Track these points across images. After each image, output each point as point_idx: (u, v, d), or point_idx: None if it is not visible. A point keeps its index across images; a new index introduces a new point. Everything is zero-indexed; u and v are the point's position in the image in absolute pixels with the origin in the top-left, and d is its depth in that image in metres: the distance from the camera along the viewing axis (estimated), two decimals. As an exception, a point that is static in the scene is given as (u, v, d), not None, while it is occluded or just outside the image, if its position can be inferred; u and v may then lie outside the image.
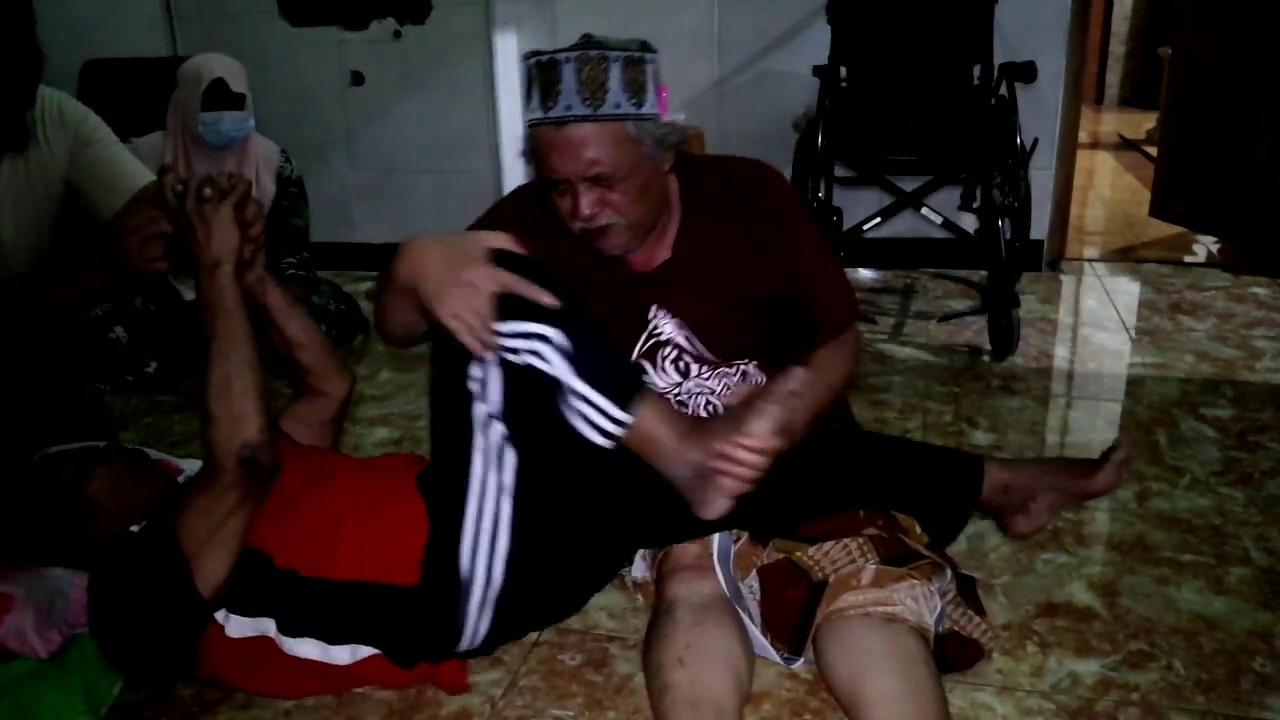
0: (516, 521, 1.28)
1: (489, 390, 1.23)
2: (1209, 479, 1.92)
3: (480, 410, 1.26)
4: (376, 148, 3.81)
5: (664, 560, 1.39)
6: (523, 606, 1.32)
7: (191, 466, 1.57)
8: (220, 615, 1.27)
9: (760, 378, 1.49)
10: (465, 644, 1.31)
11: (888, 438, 1.54)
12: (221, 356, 1.25)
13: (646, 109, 1.31)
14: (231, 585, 1.26)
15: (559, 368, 1.20)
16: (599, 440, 1.22)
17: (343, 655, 1.29)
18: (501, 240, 1.25)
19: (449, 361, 1.25)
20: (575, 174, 1.29)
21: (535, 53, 1.30)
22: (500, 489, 1.28)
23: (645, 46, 1.32)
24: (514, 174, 3.72)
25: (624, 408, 1.21)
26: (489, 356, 1.21)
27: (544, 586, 1.33)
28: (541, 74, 1.28)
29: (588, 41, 1.31)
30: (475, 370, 1.23)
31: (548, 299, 1.20)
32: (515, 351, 1.20)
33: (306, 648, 1.28)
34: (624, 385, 1.22)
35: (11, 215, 1.69)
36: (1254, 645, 1.41)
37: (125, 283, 1.58)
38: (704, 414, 1.45)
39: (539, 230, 1.40)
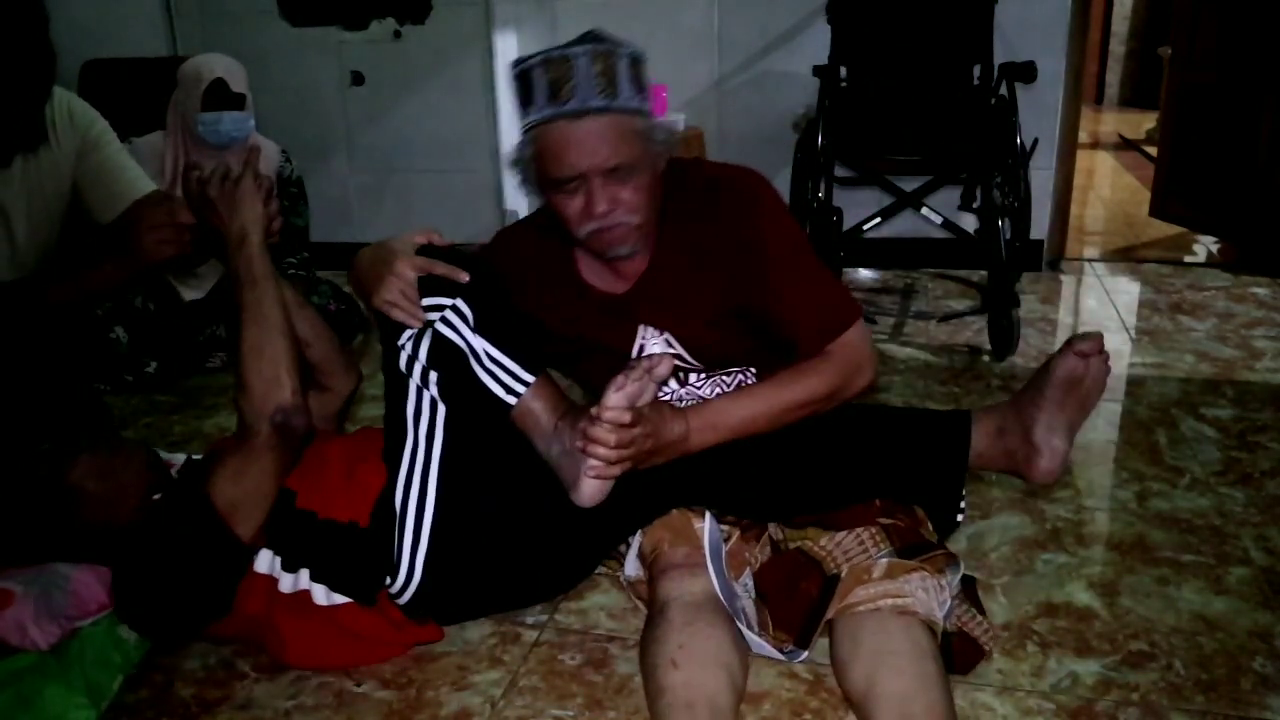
0: (446, 458, 1.34)
1: (419, 348, 1.32)
2: (1209, 479, 1.92)
3: (404, 358, 1.33)
4: (376, 148, 3.81)
5: (655, 560, 1.39)
6: (461, 560, 1.35)
7: (181, 460, 1.59)
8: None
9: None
10: (400, 582, 1.33)
11: (872, 406, 1.53)
12: (252, 324, 1.32)
13: (649, 107, 1.31)
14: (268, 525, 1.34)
15: (466, 333, 1.31)
16: (505, 397, 1.32)
17: (319, 594, 1.34)
18: (426, 236, 1.36)
19: (388, 332, 1.35)
20: (593, 167, 1.27)
21: (529, 56, 1.29)
22: (430, 426, 1.34)
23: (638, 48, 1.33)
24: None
25: (529, 370, 1.32)
26: (417, 327, 1.32)
27: (475, 541, 1.35)
28: (550, 70, 1.26)
29: (595, 36, 1.30)
30: (406, 333, 1.33)
31: (463, 276, 1.31)
32: (434, 319, 1.31)
33: (303, 580, 1.34)
34: (529, 354, 1.33)
35: (25, 214, 1.70)
36: (1254, 645, 1.41)
37: (141, 276, 1.64)
38: None
39: (516, 280, 1.44)
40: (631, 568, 1.47)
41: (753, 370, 1.49)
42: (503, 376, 1.31)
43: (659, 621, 1.29)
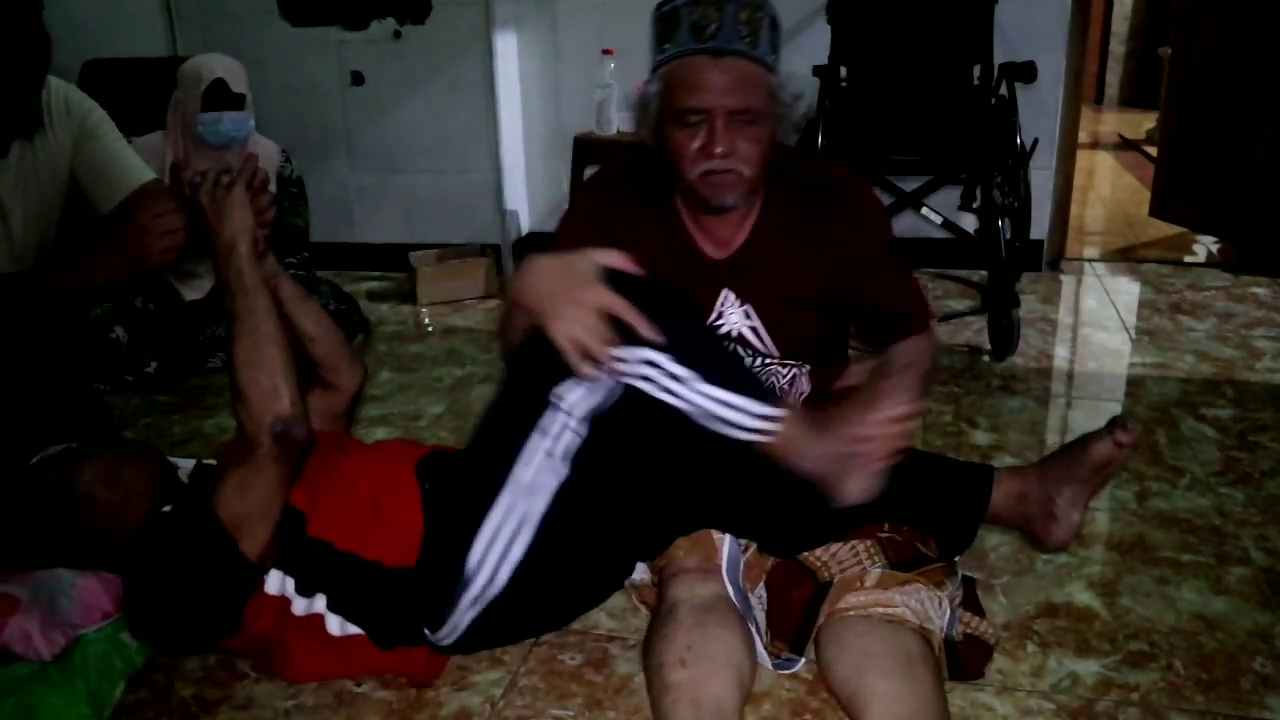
0: (540, 535, 1.26)
1: (578, 403, 1.22)
2: (1209, 479, 1.92)
3: (553, 419, 1.23)
4: (377, 148, 3.81)
5: (666, 564, 1.39)
6: (511, 616, 1.32)
7: (188, 465, 1.57)
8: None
9: (808, 386, 1.50)
10: (442, 634, 1.31)
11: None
12: (245, 334, 1.29)
13: (780, 72, 1.35)
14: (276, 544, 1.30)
15: (679, 389, 1.20)
16: (748, 438, 1.23)
17: (334, 624, 1.31)
18: (614, 259, 1.23)
19: (535, 366, 1.24)
20: (721, 106, 1.30)
21: None
22: (534, 496, 1.25)
23: None
24: (514, 174, 3.72)
25: (770, 404, 1.22)
26: (596, 375, 1.20)
27: (539, 602, 1.34)
28: (696, 10, 1.30)
29: None
30: (569, 384, 1.21)
31: (647, 331, 1.18)
32: (629, 375, 1.20)
33: (318, 604, 1.31)
34: (760, 385, 1.26)
35: (20, 206, 1.68)
36: (1254, 645, 1.41)
37: (141, 275, 1.62)
38: None
39: (616, 216, 1.45)
40: (639, 571, 1.47)
41: (808, 368, 1.51)
42: (738, 418, 1.21)
43: (667, 620, 1.28)
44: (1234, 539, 1.70)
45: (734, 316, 1.47)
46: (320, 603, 1.31)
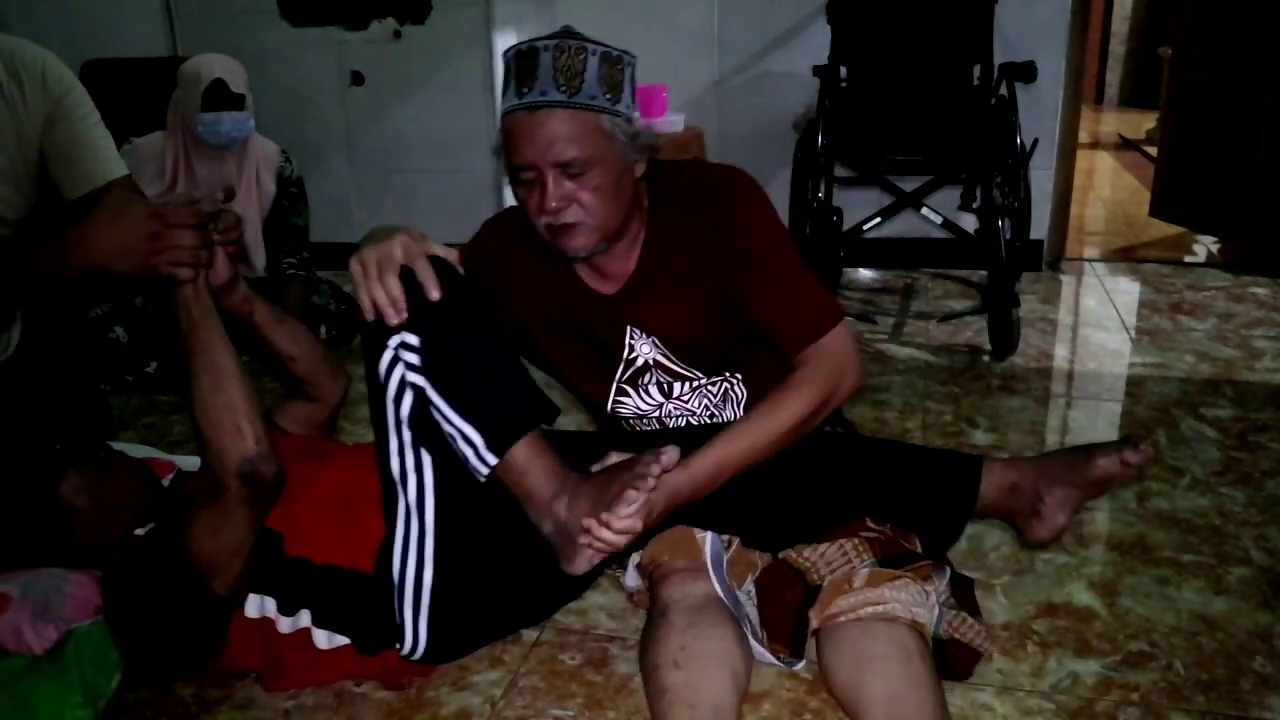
0: (440, 524, 1.27)
1: (403, 398, 1.23)
2: (1209, 479, 1.92)
3: (393, 409, 1.24)
4: (376, 148, 3.82)
5: (655, 568, 1.39)
6: (459, 613, 1.31)
7: (186, 462, 1.57)
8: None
9: (743, 392, 1.47)
10: (408, 646, 1.30)
11: (882, 442, 1.50)
12: (201, 373, 1.23)
13: (621, 108, 1.28)
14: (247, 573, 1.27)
15: (440, 403, 1.21)
16: (476, 474, 1.23)
17: (321, 638, 1.31)
18: (447, 252, 1.26)
19: (369, 342, 1.25)
20: (544, 160, 1.25)
21: (515, 45, 1.29)
22: (421, 489, 1.26)
23: (625, 51, 1.31)
24: (514, 174, 3.72)
25: (496, 450, 1.20)
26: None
27: (478, 593, 1.32)
28: (519, 62, 1.26)
29: (567, 32, 1.30)
30: (388, 353, 1.22)
31: (434, 291, 1.19)
32: (393, 353, 1.21)
33: (303, 620, 1.31)
34: (503, 427, 1.21)
35: None
36: (1254, 645, 1.41)
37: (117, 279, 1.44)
38: None
39: (511, 264, 1.42)
40: (631, 579, 1.47)
41: (739, 376, 1.46)
42: (466, 451, 1.21)
43: (660, 623, 1.28)
44: (1234, 539, 1.70)
45: (644, 347, 1.43)
46: (305, 618, 1.30)
